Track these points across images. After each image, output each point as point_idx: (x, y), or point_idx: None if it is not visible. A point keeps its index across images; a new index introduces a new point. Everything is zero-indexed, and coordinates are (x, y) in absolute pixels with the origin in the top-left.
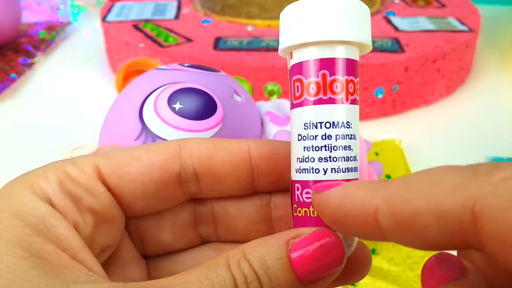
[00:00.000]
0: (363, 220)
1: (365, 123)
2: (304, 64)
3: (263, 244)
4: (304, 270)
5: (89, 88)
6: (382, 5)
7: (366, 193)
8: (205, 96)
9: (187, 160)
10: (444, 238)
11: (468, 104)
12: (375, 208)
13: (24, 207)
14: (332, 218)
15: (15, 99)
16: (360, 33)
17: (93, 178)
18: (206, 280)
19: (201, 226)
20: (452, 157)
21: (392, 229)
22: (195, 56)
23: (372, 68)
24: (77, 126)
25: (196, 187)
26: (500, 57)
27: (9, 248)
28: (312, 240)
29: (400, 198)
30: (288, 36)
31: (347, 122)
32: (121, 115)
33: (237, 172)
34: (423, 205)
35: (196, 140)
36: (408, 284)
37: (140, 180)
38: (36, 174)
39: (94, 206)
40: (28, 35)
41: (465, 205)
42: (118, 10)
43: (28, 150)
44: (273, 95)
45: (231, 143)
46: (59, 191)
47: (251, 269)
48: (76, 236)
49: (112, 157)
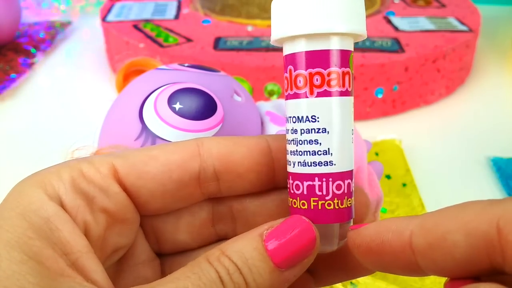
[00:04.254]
0: (398, 245)
1: (365, 123)
2: (284, 59)
3: (239, 239)
4: (280, 256)
5: (89, 88)
6: (382, 5)
7: (401, 221)
8: (205, 96)
9: (207, 159)
10: (471, 255)
11: (468, 104)
12: (410, 232)
13: (31, 206)
14: (367, 248)
15: (15, 99)
16: (332, 25)
17: (108, 177)
18: (193, 274)
19: (219, 225)
20: (452, 157)
21: (424, 250)
22: (195, 56)
23: (372, 68)
24: (77, 126)
25: (215, 186)
26: (500, 57)
27: (9, 251)
28: (283, 228)
29: (433, 222)
30: (279, 28)
31: (312, 116)
32: (121, 115)
33: (258, 167)
34: (452, 225)
35: (214, 139)
36: (408, 284)
37: (158, 180)
38: (49, 172)
39: (107, 206)
40: (28, 35)
41: (490, 222)
42: (118, 10)
43: (28, 150)
44: (273, 95)
45: (249, 140)
46: (71, 190)
47: (231, 262)
48: (81, 240)
49: (129, 157)
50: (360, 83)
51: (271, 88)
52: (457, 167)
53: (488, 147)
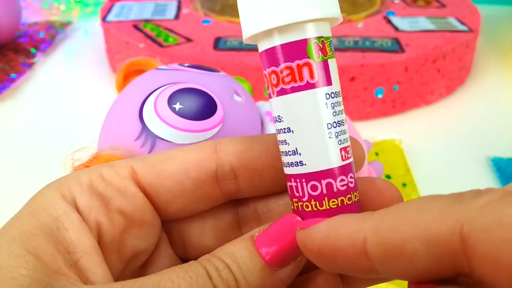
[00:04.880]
0: (352, 252)
1: (365, 123)
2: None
3: (229, 243)
4: (271, 254)
5: (89, 88)
6: (382, 5)
7: (353, 225)
8: (205, 96)
9: (223, 156)
10: (433, 264)
11: (468, 104)
12: (363, 238)
13: (43, 205)
14: (319, 253)
15: (15, 99)
16: None
17: (126, 179)
18: (180, 269)
19: (245, 228)
20: (452, 157)
21: (382, 259)
22: (195, 56)
23: (372, 68)
24: (77, 126)
25: (234, 184)
26: (500, 57)
27: (9, 245)
28: (274, 228)
29: (388, 226)
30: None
31: (278, 116)
32: (121, 115)
33: (275, 163)
34: (410, 231)
35: (230, 138)
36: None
37: (176, 178)
38: (69, 177)
39: (124, 207)
40: (28, 35)
41: (452, 229)
42: (118, 10)
43: (28, 150)
44: None
45: (266, 136)
46: (88, 191)
47: (220, 261)
48: (87, 240)
49: (147, 158)
50: (360, 83)
51: None
52: (457, 167)
53: (488, 147)
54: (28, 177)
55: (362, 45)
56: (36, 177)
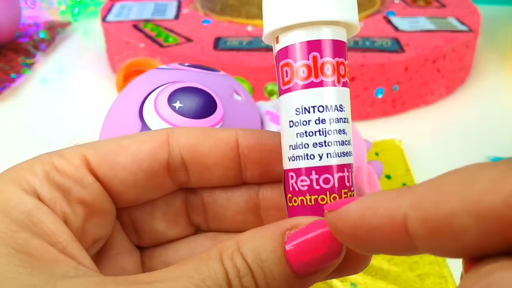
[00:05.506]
0: (390, 230)
1: (365, 123)
2: (291, 47)
3: (258, 236)
4: (300, 263)
5: (89, 88)
6: (382, 5)
7: (390, 201)
8: (205, 95)
9: (175, 148)
10: (483, 239)
11: (468, 104)
12: (402, 215)
13: (9, 202)
14: (353, 235)
15: (15, 99)
16: (347, 13)
17: (81, 168)
18: (197, 275)
19: (193, 215)
20: (452, 157)
21: (425, 237)
22: (195, 56)
23: (372, 68)
24: (77, 126)
25: (185, 175)
26: (500, 57)
27: None
28: (308, 231)
29: (431, 201)
30: (271, 21)
31: (340, 105)
32: (121, 114)
33: (224, 161)
34: (458, 206)
35: (185, 129)
36: (408, 284)
37: (129, 170)
38: (22, 168)
39: (84, 197)
40: (28, 35)
41: (506, 201)
42: (118, 10)
43: (28, 150)
44: (273, 95)
45: (220, 132)
46: (46, 183)
47: (244, 263)
48: (65, 229)
49: (99, 147)
50: (360, 83)
51: (271, 88)
52: (457, 167)
53: (488, 147)
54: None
55: (362, 45)
56: None
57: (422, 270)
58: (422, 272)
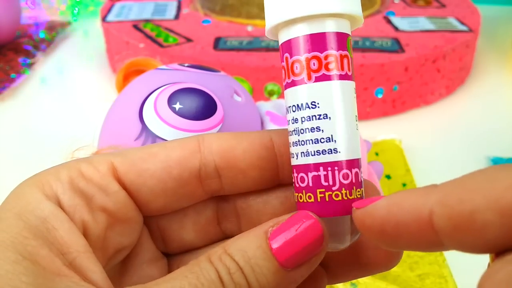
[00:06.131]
0: (417, 226)
1: (365, 123)
2: (286, 43)
3: (242, 237)
4: (285, 255)
5: (89, 88)
6: (382, 5)
7: (417, 198)
8: (205, 96)
9: (207, 154)
10: (506, 235)
11: (468, 104)
12: (429, 211)
13: (28, 206)
14: (380, 231)
15: (15, 99)
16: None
17: (107, 176)
18: (190, 274)
19: (224, 223)
20: (452, 157)
21: (450, 232)
22: (195, 56)
23: (372, 68)
24: (77, 126)
25: (217, 183)
26: (500, 57)
27: (3, 251)
28: (289, 225)
29: (456, 198)
30: (272, 15)
31: (312, 102)
32: (121, 115)
33: (260, 162)
34: (481, 202)
35: (215, 135)
36: (408, 284)
37: (158, 177)
38: (48, 173)
39: (107, 205)
40: (28, 35)
41: None
42: (118, 10)
43: (28, 150)
44: (273, 95)
45: (252, 134)
46: (69, 189)
47: (232, 261)
48: (78, 239)
49: (128, 155)
50: (360, 83)
51: (271, 88)
52: (457, 167)
53: (488, 147)
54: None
55: (362, 45)
56: None
57: (422, 270)
58: (422, 272)
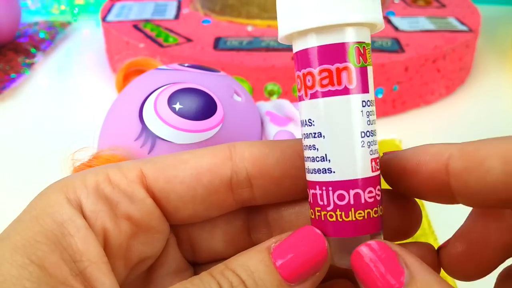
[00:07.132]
0: (434, 165)
1: None
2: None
3: (244, 254)
4: (289, 269)
5: (89, 88)
6: (382, 5)
7: (441, 145)
8: (205, 96)
9: (239, 162)
10: (505, 183)
11: (468, 104)
12: (448, 155)
13: (48, 209)
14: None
15: (15, 99)
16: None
17: (134, 183)
18: (191, 286)
19: (255, 233)
20: None
21: (460, 172)
22: (195, 56)
23: (372, 68)
24: (77, 126)
25: (249, 192)
26: (500, 57)
27: (12, 254)
28: (292, 239)
29: (473, 147)
30: (285, 23)
31: (308, 119)
32: (121, 115)
33: (294, 172)
34: (492, 151)
35: (246, 142)
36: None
37: (187, 183)
38: (75, 177)
39: (131, 212)
40: (28, 35)
41: None
42: (118, 10)
43: (28, 150)
44: (273, 95)
45: (283, 142)
46: (94, 194)
47: (235, 275)
48: (94, 248)
49: (157, 161)
50: None
51: (271, 88)
52: None
53: None
54: (28, 177)
55: None
56: (36, 177)
57: None
58: None
